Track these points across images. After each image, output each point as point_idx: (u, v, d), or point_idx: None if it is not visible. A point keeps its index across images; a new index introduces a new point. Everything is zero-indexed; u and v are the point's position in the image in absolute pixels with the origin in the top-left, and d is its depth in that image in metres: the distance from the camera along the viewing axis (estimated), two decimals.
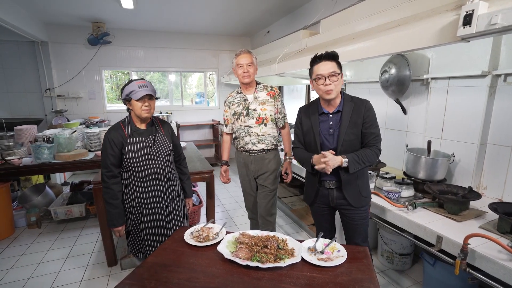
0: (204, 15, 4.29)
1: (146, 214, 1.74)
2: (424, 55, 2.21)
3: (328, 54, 1.49)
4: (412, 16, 1.59)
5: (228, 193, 4.16)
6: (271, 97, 2.08)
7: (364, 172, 1.59)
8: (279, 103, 2.11)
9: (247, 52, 2.04)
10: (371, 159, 1.50)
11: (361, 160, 1.47)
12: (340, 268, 1.11)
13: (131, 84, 1.62)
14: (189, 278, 1.09)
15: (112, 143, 1.64)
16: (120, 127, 1.70)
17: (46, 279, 2.23)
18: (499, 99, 1.82)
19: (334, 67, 1.47)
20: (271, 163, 2.11)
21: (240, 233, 1.32)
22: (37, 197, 3.28)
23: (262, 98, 2.07)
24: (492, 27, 1.04)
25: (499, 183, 1.86)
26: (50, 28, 4.61)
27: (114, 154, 1.65)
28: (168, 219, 1.81)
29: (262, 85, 2.13)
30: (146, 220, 1.75)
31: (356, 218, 1.61)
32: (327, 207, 1.69)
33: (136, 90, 1.59)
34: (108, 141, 1.65)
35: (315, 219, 1.82)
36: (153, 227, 1.77)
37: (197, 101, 6.34)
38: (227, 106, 2.17)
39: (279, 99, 2.12)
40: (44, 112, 4.81)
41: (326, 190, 1.62)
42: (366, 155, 1.48)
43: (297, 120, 1.70)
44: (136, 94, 1.59)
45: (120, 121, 1.74)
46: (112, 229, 1.73)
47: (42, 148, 2.68)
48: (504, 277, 1.18)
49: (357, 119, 1.50)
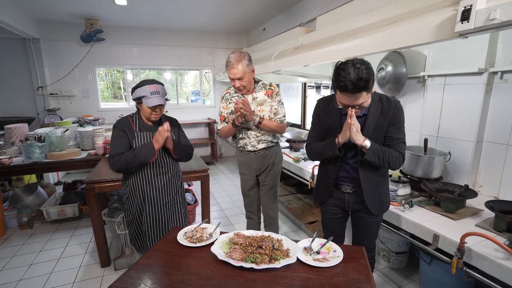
0: (199, 12, 4.24)
1: (148, 209, 1.76)
2: (420, 52, 2.19)
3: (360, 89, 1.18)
4: (409, 12, 1.57)
5: (224, 192, 4.13)
6: (269, 96, 1.99)
7: (385, 179, 1.49)
8: (276, 102, 1.99)
9: (237, 61, 1.82)
10: (393, 161, 1.34)
11: (382, 154, 1.31)
12: (336, 269, 1.09)
13: (144, 88, 1.61)
14: (181, 280, 1.06)
15: (123, 132, 1.68)
16: (128, 120, 1.73)
17: (38, 281, 2.18)
18: (496, 97, 1.81)
19: (364, 97, 1.23)
20: (272, 159, 2.07)
21: (235, 234, 1.30)
22: (29, 197, 3.22)
23: (260, 98, 1.97)
24: (490, 22, 1.02)
25: (495, 181, 1.85)
26: (41, 25, 4.52)
27: (124, 143, 1.67)
28: (170, 214, 1.83)
29: (261, 83, 2.02)
30: (148, 215, 1.77)
31: (370, 223, 1.53)
32: (340, 210, 1.57)
33: (148, 96, 1.60)
34: (118, 130, 1.68)
35: (323, 221, 1.66)
36: (155, 222, 1.79)
37: (192, 99, 6.28)
38: (225, 103, 2.06)
39: (276, 99, 1.99)
40: (36, 110, 4.72)
41: (343, 194, 1.51)
42: (390, 154, 1.33)
43: (315, 115, 1.53)
44: (147, 101, 1.60)
45: (128, 115, 1.77)
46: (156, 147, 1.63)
47: (33, 147, 2.62)
48: (501, 276, 1.17)
49: (383, 122, 1.35)
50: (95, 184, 2.12)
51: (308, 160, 2.76)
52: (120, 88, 6.55)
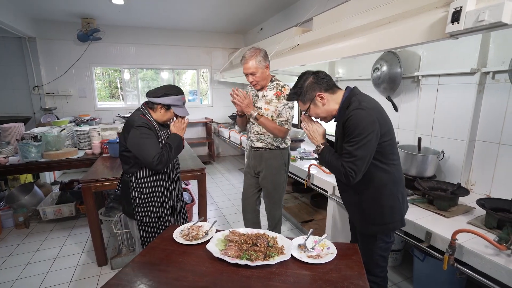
0: (196, 11, 4.24)
1: (169, 204, 1.83)
2: (415, 52, 2.22)
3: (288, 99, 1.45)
4: (403, 13, 1.59)
5: (221, 191, 4.14)
6: (277, 97, 1.95)
7: (373, 194, 1.30)
8: (281, 104, 1.93)
9: (250, 57, 1.86)
10: (336, 172, 1.28)
11: (328, 163, 1.31)
12: (329, 265, 1.11)
13: (178, 97, 1.69)
14: (177, 277, 1.07)
15: (151, 131, 1.64)
16: (146, 121, 1.66)
17: (34, 280, 2.18)
18: (488, 96, 1.85)
19: (301, 105, 1.38)
20: (268, 162, 2.02)
21: (230, 231, 1.31)
22: (25, 197, 3.21)
23: (269, 97, 1.97)
24: (479, 23, 1.04)
25: (487, 179, 1.88)
26: (38, 24, 4.49)
27: (156, 141, 1.66)
28: (182, 209, 1.97)
29: (275, 83, 2.00)
30: (168, 210, 1.84)
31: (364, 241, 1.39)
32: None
33: (180, 106, 1.72)
34: (147, 129, 1.61)
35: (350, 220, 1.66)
36: (174, 216, 1.89)
37: (190, 98, 6.28)
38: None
39: (283, 101, 1.94)
40: (32, 110, 4.70)
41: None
42: (334, 165, 1.27)
43: None
44: (179, 110, 1.72)
45: (141, 114, 1.68)
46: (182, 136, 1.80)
47: (29, 146, 2.61)
48: (491, 272, 1.19)
49: (341, 131, 1.28)
50: (92, 183, 2.13)
51: (304, 160, 2.78)
52: (117, 87, 6.53)
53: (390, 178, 1.30)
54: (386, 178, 1.29)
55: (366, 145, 1.18)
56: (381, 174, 1.28)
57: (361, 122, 1.18)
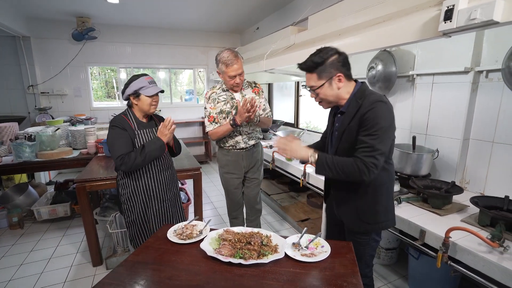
0: (192, 10, 4.23)
1: (154, 205, 1.81)
2: (410, 51, 2.23)
3: (302, 67, 1.26)
4: (397, 12, 1.60)
5: (218, 190, 4.13)
6: (256, 94, 2.07)
7: (372, 192, 1.27)
8: (263, 99, 2.10)
9: (236, 57, 1.87)
10: (348, 171, 1.16)
11: (333, 166, 1.18)
12: (323, 264, 1.11)
13: (140, 79, 1.64)
14: (170, 276, 1.06)
15: (125, 130, 1.64)
16: (125, 119, 1.69)
17: (28, 280, 2.17)
18: (481, 95, 1.86)
19: (313, 79, 1.24)
20: (259, 154, 2.18)
21: (224, 230, 1.31)
22: (20, 197, 3.18)
23: (249, 96, 2.00)
24: (471, 22, 1.04)
25: (481, 177, 1.90)
26: (32, 23, 4.45)
27: (128, 142, 1.64)
28: (173, 209, 1.92)
29: (246, 81, 2.08)
30: (153, 211, 1.81)
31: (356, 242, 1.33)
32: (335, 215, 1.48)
33: (147, 86, 1.64)
34: (120, 129, 1.64)
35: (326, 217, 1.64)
36: (161, 217, 1.84)
37: (186, 98, 6.27)
38: (212, 103, 2.04)
39: (263, 96, 2.12)
40: (27, 109, 4.66)
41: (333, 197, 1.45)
42: (343, 164, 1.17)
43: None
44: (147, 90, 1.64)
45: (120, 114, 1.72)
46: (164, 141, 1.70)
47: (23, 146, 2.59)
48: (484, 269, 1.20)
49: (355, 123, 1.20)
50: (86, 182, 2.11)
51: None
52: (114, 87, 6.50)
53: (388, 176, 1.31)
54: (385, 176, 1.29)
55: (388, 140, 1.17)
56: (382, 172, 1.23)
57: (385, 115, 1.15)
